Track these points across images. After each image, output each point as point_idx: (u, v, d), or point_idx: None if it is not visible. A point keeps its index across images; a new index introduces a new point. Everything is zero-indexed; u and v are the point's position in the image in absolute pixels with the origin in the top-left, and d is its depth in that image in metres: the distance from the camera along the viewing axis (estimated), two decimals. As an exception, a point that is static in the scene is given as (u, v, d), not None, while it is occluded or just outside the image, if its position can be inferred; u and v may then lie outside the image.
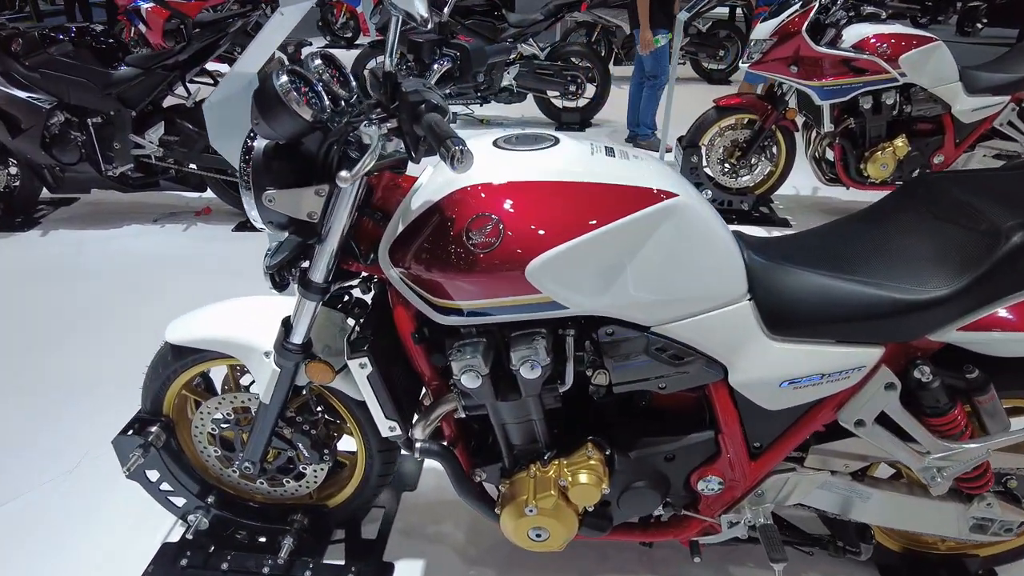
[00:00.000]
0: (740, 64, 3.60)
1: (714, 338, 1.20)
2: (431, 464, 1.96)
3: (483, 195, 1.12)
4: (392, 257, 1.19)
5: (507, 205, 1.11)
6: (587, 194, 1.12)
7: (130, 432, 1.56)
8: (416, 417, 1.33)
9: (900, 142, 3.31)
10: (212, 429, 1.57)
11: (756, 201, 3.76)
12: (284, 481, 1.63)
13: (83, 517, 1.79)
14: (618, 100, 5.51)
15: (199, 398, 1.60)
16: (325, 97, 1.14)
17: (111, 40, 3.38)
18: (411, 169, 1.32)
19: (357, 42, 9.37)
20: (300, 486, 1.63)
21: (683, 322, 1.18)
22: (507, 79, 5.11)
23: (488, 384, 1.20)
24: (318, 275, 1.23)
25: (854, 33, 3.26)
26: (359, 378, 1.25)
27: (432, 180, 1.22)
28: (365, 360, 1.23)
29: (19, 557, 1.68)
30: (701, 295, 1.17)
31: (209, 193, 3.65)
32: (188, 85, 3.41)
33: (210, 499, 1.66)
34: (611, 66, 6.29)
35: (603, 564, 1.64)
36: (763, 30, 3.36)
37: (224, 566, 1.61)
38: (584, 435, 1.31)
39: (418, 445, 1.31)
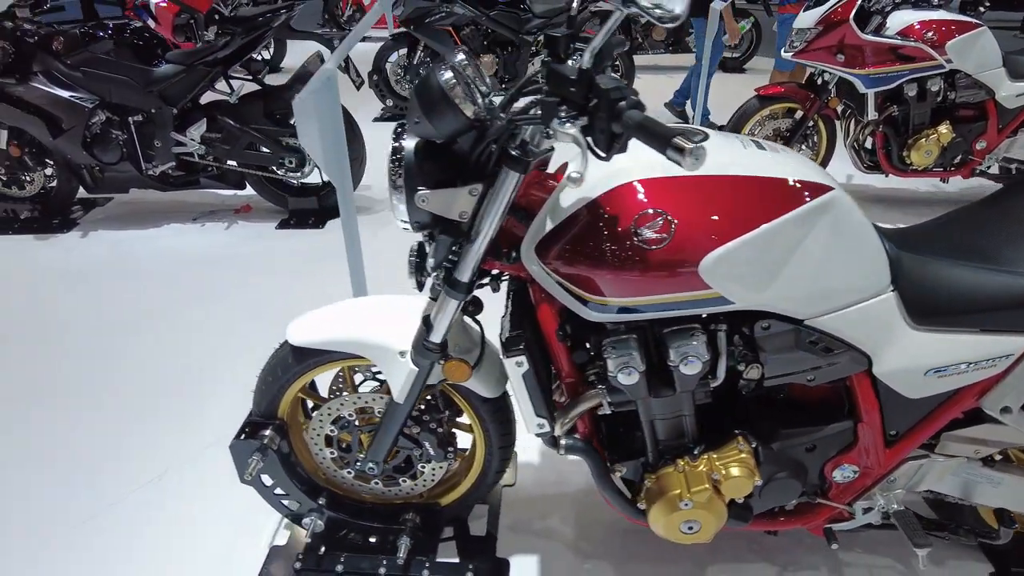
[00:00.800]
0: (783, 53, 3.58)
1: (861, 329, 1.21)
2: (525, 459, 1.96)
3: (646, 191, 1.12)
4: (540, 254, 1.18)
5: (674, 200, 1.10)
6: (752, 188, 1.12)
7: (242, 436, 1.56)
8: (556, 413, 1.33)
9: (944, 129, 3.32)
10: (331, 431, 1.56)
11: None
12: (400, 480, 1.62)
13: (181, 524, 1.78)
14: (641, 89, 5.50)
15: (315, 400, 1.59)
16: (478, 94, 1.12)
17: (150, 37, 3.32)
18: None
19: (364, 36, 9.25)
20: (416, 485, 1.63)
21: (834, 314, 1.19)
22: (530, 71, 5.07)
23: (643, 380, 1.20)
24: (465, 274, 1.22)
25: (898, 20, 3.26)
26: (514, 376, 1.25)
27: None
28: (522, 359, 1.23)
29: (126, 566, 1.66)
30: (852, 287, 1.18)
31: (248, 191, 3.61)
32: (230, 81, 3.36)
33: (321, 500, 1.66)
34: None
35: (715, 555, 1.66)
36: (807, 19, 3.36)
37: (339, 568, 1.61)
38: (730, 429, 1.31)
39: (563, 442, 1.31)
